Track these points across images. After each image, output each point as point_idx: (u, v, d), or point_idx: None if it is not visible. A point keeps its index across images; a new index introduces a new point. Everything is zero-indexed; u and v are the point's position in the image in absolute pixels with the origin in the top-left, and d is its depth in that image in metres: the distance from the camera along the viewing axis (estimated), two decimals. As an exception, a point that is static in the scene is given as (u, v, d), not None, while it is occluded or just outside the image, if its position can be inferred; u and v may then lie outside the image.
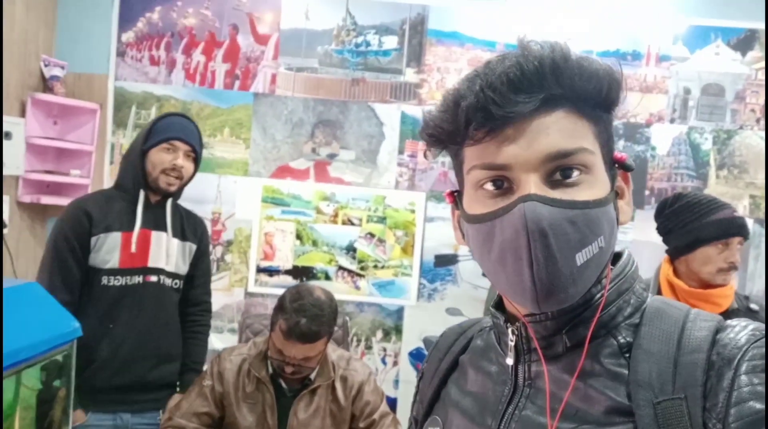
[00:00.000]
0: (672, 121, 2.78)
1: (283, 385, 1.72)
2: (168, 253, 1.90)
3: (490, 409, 0.61)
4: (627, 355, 0.56)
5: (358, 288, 2.79)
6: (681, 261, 1.73)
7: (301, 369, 1.65)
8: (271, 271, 2.79)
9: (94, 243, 1.82)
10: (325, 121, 2.80)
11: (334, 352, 1.81)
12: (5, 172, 2.48)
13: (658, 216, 1.79)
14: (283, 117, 2.79)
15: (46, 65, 2.69)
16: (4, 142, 2.43)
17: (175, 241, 1.92)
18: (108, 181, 2.81)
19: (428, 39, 2.77)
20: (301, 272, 2.78)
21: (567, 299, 0.54)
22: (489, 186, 0.56)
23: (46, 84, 2.70)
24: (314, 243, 2.79)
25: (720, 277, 1.65)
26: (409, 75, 2.78)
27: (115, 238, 1.83)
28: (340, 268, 2.79)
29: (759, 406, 0.48)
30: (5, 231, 2.53)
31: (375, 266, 2.78)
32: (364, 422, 1.71)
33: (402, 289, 2.78)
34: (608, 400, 0.54)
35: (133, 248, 1.84)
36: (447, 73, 2.78)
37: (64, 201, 2.71)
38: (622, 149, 2.75)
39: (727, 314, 1.66)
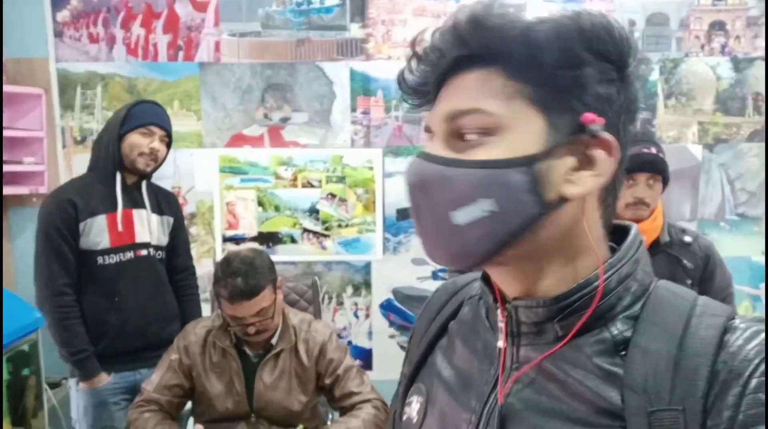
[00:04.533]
0: (619, 54, 2.78)
1: (248, 351, 1.79)
2: (150, 228, 2.09)
3: (475, 390, 0.58)
4: (623, 352, 0.51)
5: (324, 248, 2.85)
6: None
7: (263, 324, 1.70)
8: (237, 240, 2.83)
9: (83, 228, 1.98)
10: (274, 85, 2.78)
11: (295, 316, 1.87)
12: (-45, 167, 2.46)
13: None
14: (232, 85, 2.77)
15: (-19, 53, 2.62)
16: (-50, 137, 2.40)
17: (155, 217, 2.12)
18: (63, 166, 2.80)
19: (370, -8, 2.73)
20: (267, 238, 2.83)
21: (456, 259, 0.53)
22: None
23: (-15, 72, 2.64)
24: (276, 208, 2.82)
25: (628, 212, 1.71)
26: (354, 30, 2.75)
27: (101, 220, 2.00)
28: (305, 230, 2.83)
29: None
30: (-34, 225, 2.53)
31: (339, 225, 2.83)
32: (330, 378, 1.80)
33: (367, 245, 2.84)
34: (599, 400, 0.50)
35: (120, 227, 2.02)
36: (392, 25, 2.75)
37: (21, 190, 2.70)
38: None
39: (657, 247, 1.74)
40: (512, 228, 0.50)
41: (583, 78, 0.50)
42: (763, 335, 0.48)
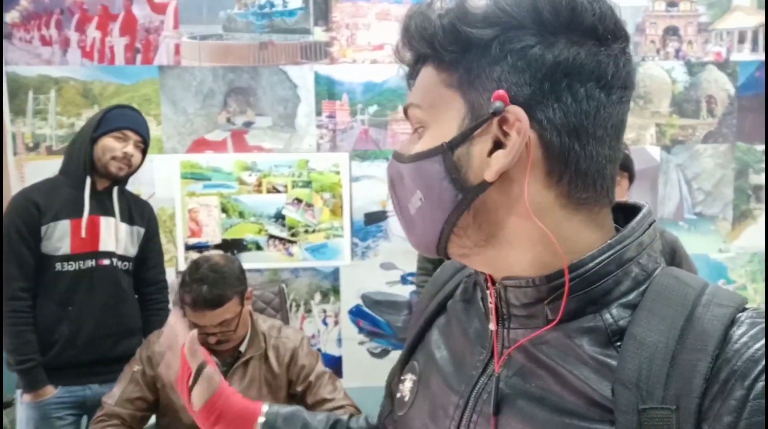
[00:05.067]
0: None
1: (216, 360, 1.73)
2: (117, 237, 2.00)
3: (464, 374, 0.57)
4: (618, 344, 0.47)
5: (291, 254, 2.80)
6: None
7: (225, 335, 1.65)
8: (200, 248, 2.75)
9: (44, 231, 1.91)
10: (236, 89, 2.72)
11: (264, 322, 1.82)
12: None
13: None
14: (193, 88, 2.70)
15: (-77, 55, 2.48)
16: None
17: (123, 226, 2.02)
18: (15, 173, 2.67)
19: (333, -5, 2.71)
20: (231, 245, 2.76)
21: (421, 248, 0.56)
22: None
23: (-73, 76, 2.50)
24: (241, 214, 2.75)
25: None
26: (318, 34, 2.73)
27: (65, 225, 1.92)
28: (271, 236, 2.78)
29: None
30: None
31: (306, 231, 2.79)
32: (302, 385, 1.75)
33: (335, 251, 2.81)
34: (590, 392, 0.47)
35: (83, 233, 1.93)
36: (356, 29, 2.74)
37: (-33, 199, 2.57)
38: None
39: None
40: (442, 216, 0.51)
41: (485, 56, 0.48)
42: None
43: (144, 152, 2.04)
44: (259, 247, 2.77)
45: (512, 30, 0.48)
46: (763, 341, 0.43)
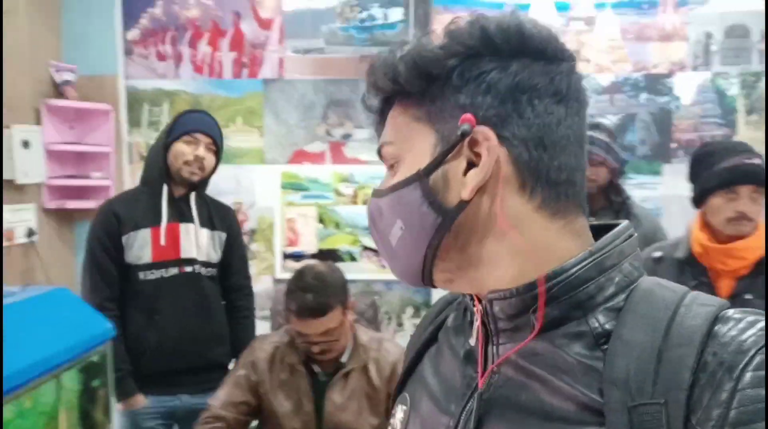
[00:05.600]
0: (695, 68, 2.67)
1: (317, 369, 1.72)
2: (198, 243, 1.98)
3: (455, 394, 0.57)
4: (605, 347, 0.48)
5: (384, 267, 2.78)
6: (701, 214, 1.68)
7: (328, 345, 1.64)
8: (296, 257, 2.80)
9: (126, 241, 1.92)
10: (336, 101, 2.76)
11: (365, 334, 1.80)
12: (26, 180, 2.51)
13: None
14: (295, 101, 2.76)
15: (56, 71, 2.70)
16: (24, 152, 2.47)
17: (205, 231, 2.00)
18: (129, 181, 2.84)
19: (434, 7, 2.70)
20: (327, 255, 2.78)
21: (405, 278, 0.57)
22: None
23: (58, 89, 2.71)
24: (337, 225, 2.78)
25: (731, 227, 1.58)
26: (418, 46, 2.72)
27: (145, 234, 1.92)
28: (365, 248, 2.78)
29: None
30: (34, 238, 2.58)
31: (400, 243, 2.77)
32: (400, 401, 1.71)
33: (429, 265, 2.76)
34: (579, 396, 0.48)
35: (162, 241, 1.92)
36: (456, 40, 2.71)
37: (89, 204, 2.75)
38: (643, 103, 2.66)
39: (761, 267, 1.60)
40: (424, 241, 0.53)
41: (447, 86, 0.52)
42: (760, 324, 0.44)
43: (217, 154, 2.00)
44: (353, 258, 2.77)
45: (469, 59, 0.52)
46: (751, 331, 0.44)
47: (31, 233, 2.56)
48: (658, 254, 1.75)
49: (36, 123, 2.62)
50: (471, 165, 0.51)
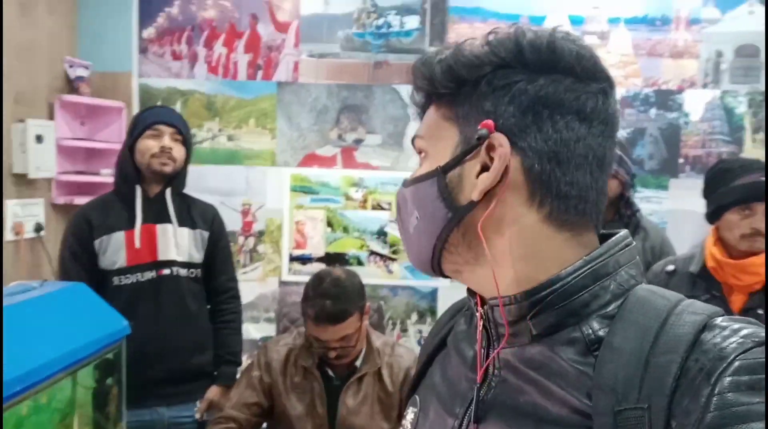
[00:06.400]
0: (705, 85, 2.70)
1: (331, 373, 1.73)
2: (177, 243, 1.89)
3: (460, 397, 0.59)
4: (596, 353, 0.50)
5: (390, 272, 2.79)
6: (715, 229, 1.71)
7: (345, 350, 1.65)
8: (303, 260, 2.80)
9: (98, 246, 1.85)
10: (349, 106, 2.78)
11: (378, 339, 1.81)
12: (38, 175, 2.51)
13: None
14: (308, 105, 2.78)
15: (70, 67, 2.70)
16: (36, 146, 2.46)
17: (185, 230, 1.91)
18: (138, 179, 2.84)
19: (450, 17, 2.73)
20: (334, 259, 2.79)
21: (417, 265, 0.61)
22: None
23: (72, 85, 2.71)
24: (345, 229, 2.79)
25: (744, 243, 1.61)
26: (432, 54, 2.74)
27: (118, 237, 1.85)
28: (372, 253, 2.79)
29: None
30: (42, 233, 2.57)
31: (407, 249, 2.78)
32: (412, 406, 1.72)
33: (436, 271, 2.78)
34: (572, 400, 0.49)
35: (137, 244, 1.84)
36: (470, 50, 2.73)
37: (97, 200, 2.74)
38: (653, 118, 2.70)
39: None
40: (434, 232, 0.56)
41: (476, 92, 0.55)
42: (744, 331, 0.46)
43: (185, 144, 1.90)
44: (360, 263, 2.78)
45: (499, 69, 0.54)
46: (733, 339, 0.45)
47: (39, 228, 2.55)
48: (671, 268, 1.77)
49: (49, 118, 2.62)
50: (485, 169, 0.54)
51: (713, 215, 1.69)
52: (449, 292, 2.77)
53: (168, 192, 1.90)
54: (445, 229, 0.56)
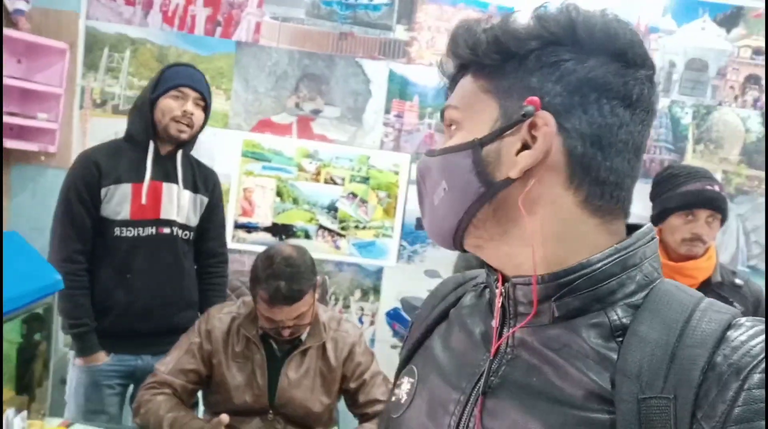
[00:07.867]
0: (655, 93, 2.80)
1: (274, 345, 1.70)
2: (179, 204, 1.93)
3: (466, 371, 0.59)
4: (620, 339, 0.50)
5: (338, 248, 2.77)
6: (658, 231, 1.79)
7: (298, 328, 1.63)
8: (249, 228, 2.73)
9: (104, 194, 1.85)
10: (310, 75, 2.70)
11: (324, 313, 1.79)
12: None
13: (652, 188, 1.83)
14: (267, 69, 2.68)
15: (9, -2, 2.48)
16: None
17: (187, 193, 1.95)
18: (77, 127, 2.67)
19: (421, -5, 2.69)
20: (281, 230, 2.73)
21: (437, 237, 0.60)
22: None
23: (10, 18, 2.50)
24: (295, 201, 2.73)
25: (684, 247, 1.70)
26: (399, 32, 2.71)
27: (125, 189, 1.86)
28: (321, 227, 2.75)
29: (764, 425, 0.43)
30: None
31: (356, 226, 2.76)
32: (355, 383, 1.72)
33: (382, 250, 2.78)
34: (589, 383, 0.50)
35: (143, 200, 1.86)
36: (438, 32, 2.72)
37: (30, 146, 2.56)
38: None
39: (707, 287, 1.73)
40: (463, 205, 0.55)
41: (522, 66, 0.53)
42: None
43: (205, 110, 1.93)
44: (307, 236, 2.74)
45: (550, 45, 0.53)
46: (760, 338, 0.46)
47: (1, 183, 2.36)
48: None
49: (-18, 51, 2.40)
50: (525, 146, 0.53)
51: (658, 218, 1.77)
52: (394, 272, 2.78)
53: (179, 154, 1.93)
54: (476, 203, 0.54)
